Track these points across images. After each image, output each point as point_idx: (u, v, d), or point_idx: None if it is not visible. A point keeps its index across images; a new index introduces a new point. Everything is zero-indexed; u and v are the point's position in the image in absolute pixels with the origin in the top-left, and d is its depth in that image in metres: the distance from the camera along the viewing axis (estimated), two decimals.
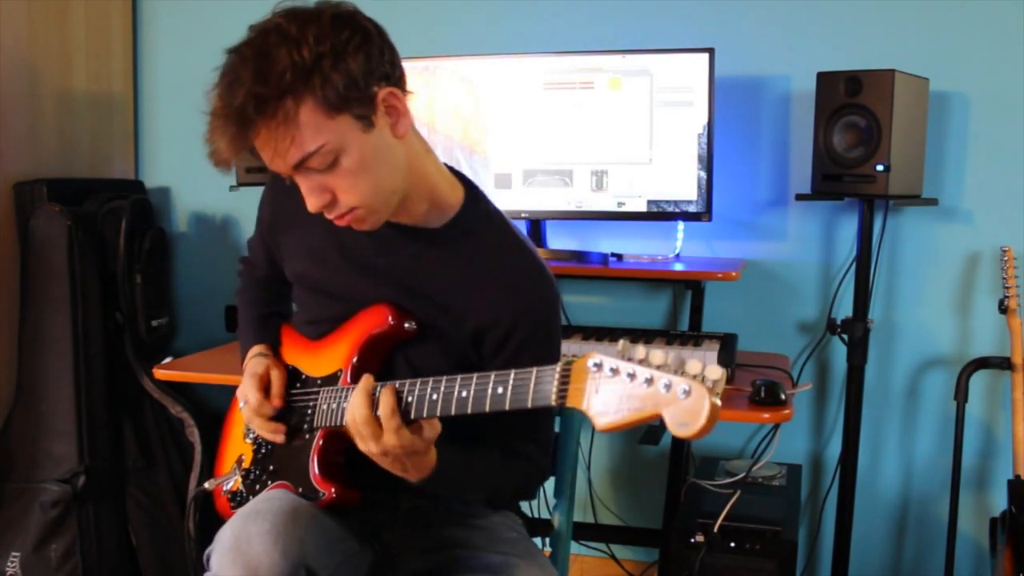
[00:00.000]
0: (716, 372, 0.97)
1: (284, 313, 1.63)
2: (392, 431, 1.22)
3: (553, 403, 1.11)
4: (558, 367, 1.11)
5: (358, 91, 1.21)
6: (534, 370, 1.14)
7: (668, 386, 0.98)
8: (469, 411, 1.20)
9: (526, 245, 1.43)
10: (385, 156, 1.27)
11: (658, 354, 1.02)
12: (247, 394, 1.44)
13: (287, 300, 1.65)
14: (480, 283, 1.38)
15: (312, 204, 1.26)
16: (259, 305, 1.63)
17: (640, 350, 1.03)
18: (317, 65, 1.18)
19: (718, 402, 0.96)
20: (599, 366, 1.05)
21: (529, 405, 1.14)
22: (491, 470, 1.41)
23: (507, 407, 1.16)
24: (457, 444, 1.36)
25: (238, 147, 1.20)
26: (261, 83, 1.16)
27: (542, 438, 1.47)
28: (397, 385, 1.26)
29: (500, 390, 1.17)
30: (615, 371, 1.03)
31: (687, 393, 0.96)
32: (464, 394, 1.21)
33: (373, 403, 1.25)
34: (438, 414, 1.23)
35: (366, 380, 1.27)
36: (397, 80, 1.27)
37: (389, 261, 1.41)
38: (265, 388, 1.45)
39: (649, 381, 1.00)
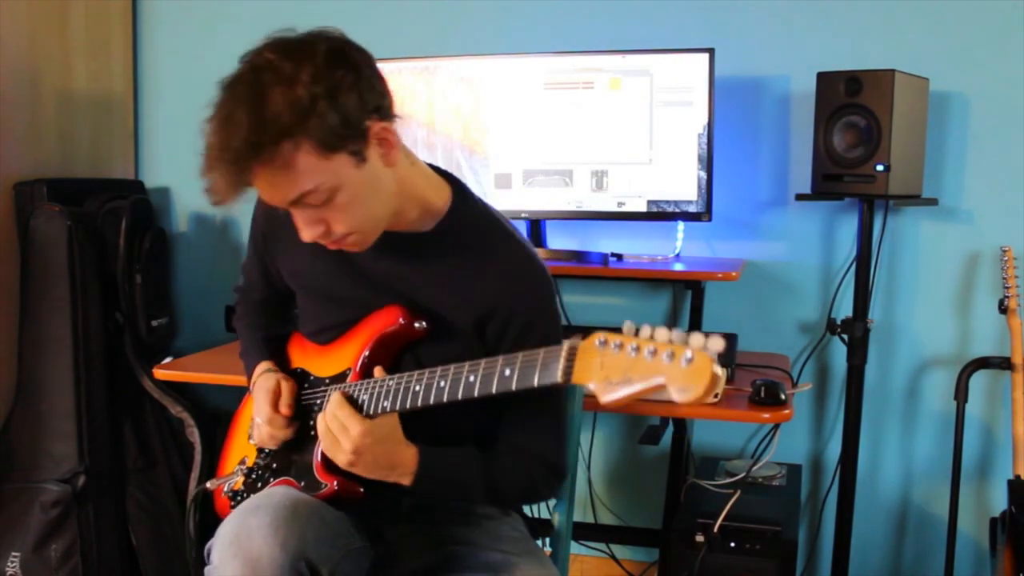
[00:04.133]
0: (719, 344, 0.99)
1: (286, 336, 1.62)
2: (349, 418, 1.29)
3: (559, 380, 1.12)
4: (564, 346, 1.13)
5: (352, 129, 1.22)
6: (540, 351, 1.16)
7: (672, 355, 1.00)
8: (476, 394, 1.22)
9: (515, 236, 1.44)
10: (376, 186, 1.29)
11: (663, 331, 1.04)
12: (260, 411, 1.45)
13: (287, 321, 1.66)
14: (473, 277, 1.39)
15: (307, 235, 1.30)
16: (260, 328, 1.63)
17: (645, 329, 1.05)
18: (313, 107, 1.17)
19: (719, 371, 0.98)
20: (604, 343, 1.07)
21: (536, 384, 1.15)
22: (490, 465, 1.41)
23: (514, 387, 1.18)
24: (454, 442, 1.37)
25: (237, 189, 1.20)
26: (258, 127, 1.16)
27: (552, 434, 1.45)
28: (406, 376, 1.30)
29: (507, 372, 1.19)
30: (620, 347, 1.06)
31: (690, 361, 0.98)
32: (472, 378, 1.23)
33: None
34: (445, 400, 1.25)
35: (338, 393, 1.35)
36: (387, 110, 1.28)
37: (386, 267, 1.42)
38: (275, 401, 1.46)
39: (653, 353, 1.02)
